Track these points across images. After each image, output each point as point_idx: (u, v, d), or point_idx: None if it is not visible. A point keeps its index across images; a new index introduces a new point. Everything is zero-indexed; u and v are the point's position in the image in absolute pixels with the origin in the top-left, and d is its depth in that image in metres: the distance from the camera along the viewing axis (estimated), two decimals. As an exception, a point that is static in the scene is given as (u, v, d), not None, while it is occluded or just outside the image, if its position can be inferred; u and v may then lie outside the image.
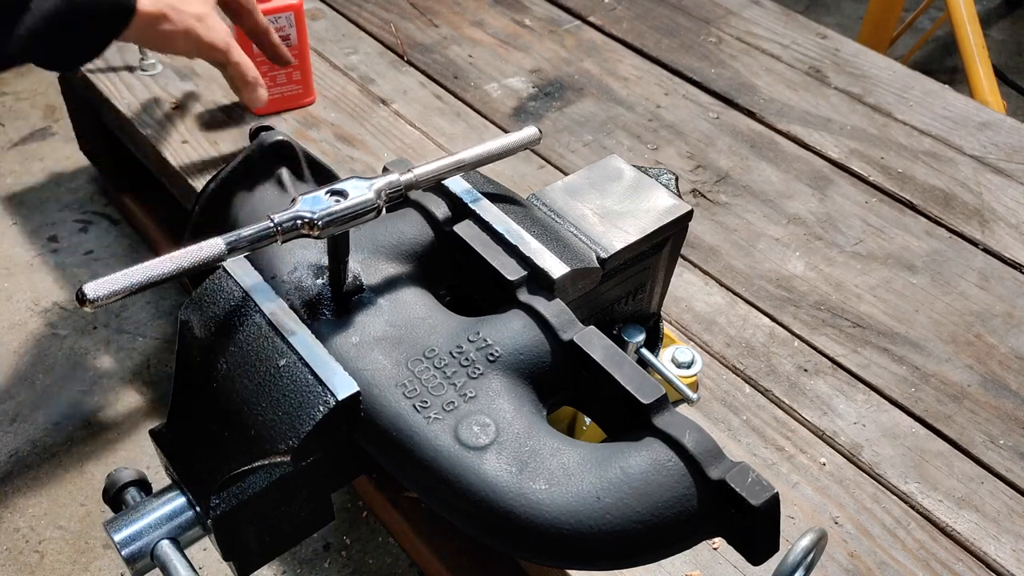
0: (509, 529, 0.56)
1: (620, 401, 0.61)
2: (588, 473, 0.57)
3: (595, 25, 1.61)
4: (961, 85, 1.87)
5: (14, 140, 1.94)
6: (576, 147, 1.35)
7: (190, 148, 1.28)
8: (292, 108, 1.32)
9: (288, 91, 1.30)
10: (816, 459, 0.96)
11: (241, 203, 0.74)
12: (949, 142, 1.39)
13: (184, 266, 0.56)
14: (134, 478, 0.66)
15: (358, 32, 1.56)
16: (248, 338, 0.62)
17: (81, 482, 1.35)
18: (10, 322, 1.57)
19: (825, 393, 1.02)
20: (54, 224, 1.75)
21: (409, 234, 0.71)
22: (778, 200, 1.28)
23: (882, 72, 1.52)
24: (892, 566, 0.87)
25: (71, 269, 1.66)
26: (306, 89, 1.32)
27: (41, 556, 1.26)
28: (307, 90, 1.32)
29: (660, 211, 0.77)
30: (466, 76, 1.47)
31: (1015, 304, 1.14)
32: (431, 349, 0.63)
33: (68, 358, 1.51)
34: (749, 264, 1.18)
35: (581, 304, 0.74)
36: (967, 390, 1.04)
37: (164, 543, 0.62)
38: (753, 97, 1.46)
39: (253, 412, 0.60)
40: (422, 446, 0.58)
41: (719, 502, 0.57)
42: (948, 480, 0.95)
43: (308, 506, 0.68)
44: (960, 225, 1.25)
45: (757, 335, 1.09)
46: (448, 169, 0.69)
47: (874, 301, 1.13)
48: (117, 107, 1.36)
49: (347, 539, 1.30)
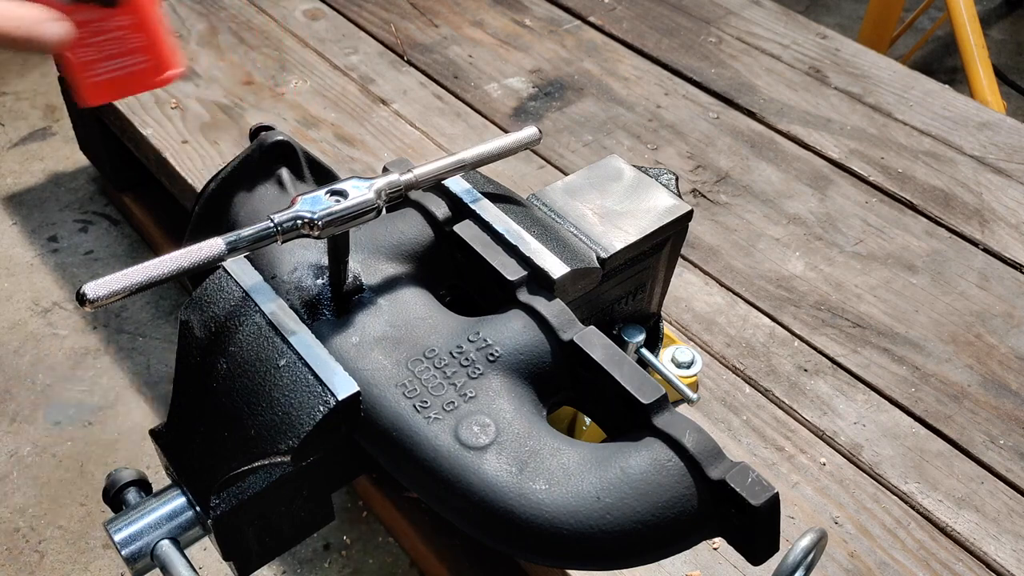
0: (509, 529, 0.56)
1: (620, 401, 0.61)
2: (588, 473, 0.57)
3: (595, 25, 1.61)
4: (961, 85, 1.87)
5: (14, 140, 1.94)
6: (576, 147, 1.35)
7: (190, 148, 1.28)
8: (141, 88, 0.77)
9: (127, 65, 0.79)
10: (816, 459, 0.96)
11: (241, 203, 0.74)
12: (949, 142, 1.39)
13: (184, 266, 0.56)
14: (134, 478, 0.66)
15: (358, 32, 1.56)
16: (248, 338, 0.62)
17: (81, 482, 1.35)
18: (10, 322, 1.57)
19: (825, 393, 1.02)
20: (54, 224, 1.75)
21: (409, 234, 0.71)
22: (778, 200, 1.28)
23: (882, 72, 1.52)
24: (892, 566, 0.87)
25: (71, 269, 1.66)
26: (156, 58, 0.76)
27: (41, 556, 1.26)
28: (158, 60, 0.76)
29: (660, 211, 0.77)
30: (466, 76, 1.47)
31: (1015, 304, 1.14)
32: (431, 349, 0.63)
33: (68, 358, 1.51)
34: (749, 264, 1.18)
35: (581, 304, 0.74)
36: (967, 390, 1.04)
37: (164, 543, 0.62)
38: (753, 97, 1.46)
39: (253, 412, 0.59)
40: (422, 446, 0.58)
41: (719, 502, 0.57)
42: (948, 480, 0.95)
43: (308, 506, 0.68)
44: (960, 225, 1.25)
45: (757, 335, 1.09)
46: (448, 169, 0.69)
47: (874, 301, 1.13)
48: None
49: (347, 539, 1.30)
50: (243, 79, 1.43)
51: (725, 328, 1.09)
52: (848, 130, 1.40)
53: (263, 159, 0.75)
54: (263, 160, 0.75)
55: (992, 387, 1.04)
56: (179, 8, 1.58)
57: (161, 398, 1.46)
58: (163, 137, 1.30)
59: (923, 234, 1.23)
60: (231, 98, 1.37)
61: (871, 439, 0.98)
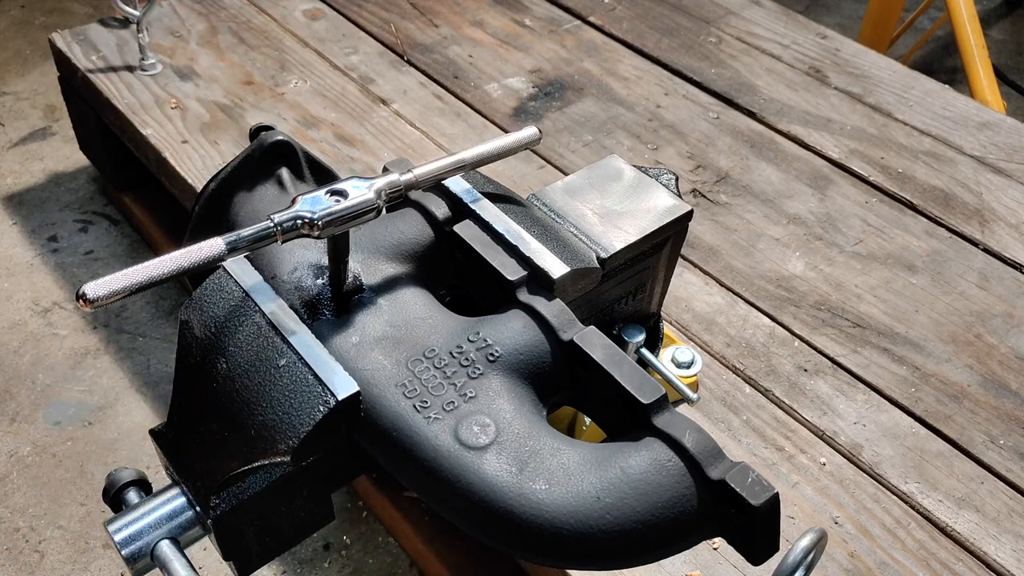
0: (509, 529, 0.56)
1: (620, 401, 0.61)
2: (588, 473, 0.57)
3: (595, 25, 1.61)
4: (961, 85, 1.87)
5: (14, 140, 1.94)
6: (576, 147, 1.35)
7: (190, 148, 1.28)
8: None
9: None
10: (816, 459, 0.96)
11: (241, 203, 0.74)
12: (949, 142, 1.39)
13: (184, 266, 0.56)
14: (134, 478, 0.66)
15: (358, 32, 1.56)
16: (248, 338, 0.62)
17: (81, 482, 1.35)
18: (10, 322, 1.57)
19: (825, 393, 1.02)
20: (54, 224, 1.75)
21: (409, 234, 0.71)
22: (778, 200, 1.28)
23: (882, 72, 1.52)
24: (892, 566, 0.87)
25: (71, 269, 1.66)
26: None
27: (41, 556, 1.26)
28: None
29: (660, 211, 0.77)
30: (466, 76, 1.47)
31: (1015, 304, 1.14)
32: (431, 349, 0.63)
33: (68, 358, 1.51)
34: (749, 264, 1.18)
35: (581, 304, 0.74)
36: (967, 390, 1.03)
37: (164, 543, 0.62)
38: (753, 97, 1.46)
39: (253, 412, 0.59)
40: (422, 446, 0.58)
41: (719, 502, 0.57)
42: (948, 480, 0.95)
43: (308, 506, 0.68)
44: (960, 225, 1.25)
45: (757, 335, 1.09)
46: (448, 169, 0.69)
47: (874, 301, 1.13)
48: (117, 107, 1.36)
49: (347, 539, 1.30)
50: (243, 79, 1.43)
51: (725, 328, 1.09)
52: (848, 130, 1.40)
53: (263, 159, 0.75)
54: (263, 160, 0.75)
55: (992, 387, 1.04)
56: (179, 8, 1.59)
57: (161, 398, 1.46)
58: (163, 137, 1.30)
59: (923, 234, 1.23)
60: (231, 98, 1.37)
61: (871, 439, 0.98)
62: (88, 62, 1.44)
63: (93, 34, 1.50)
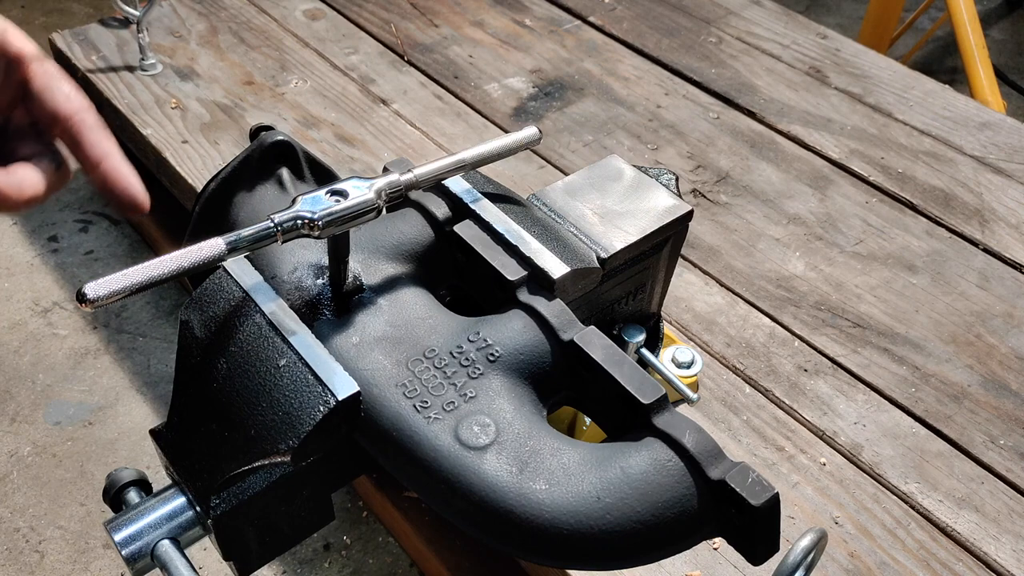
0: (509, 529, 0.56)
1: (620, 401, 0.61)
2: (588, 473, 0.57)
3: (595, 25, 1.61)
4: (961, 85, 1.87)
5: (14, 140, 1.94)
6: (576, 147, 1.35)
7: (190, 148, 1.28)
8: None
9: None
10: (816, 459, 0.96)
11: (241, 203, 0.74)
12: (949, 142, 1.39)
13: (184, 266, 0.56)
14: (134, 478, 0.66)
15: (358, 32, 1.56)
16: (248, 338, 0.62)
17: (81, 482, 1.35)
18: (10, 322, 1.57)
19: (825, 393, 1.02)
20: (54, 224, 1.75)
21: (409, 234, 0.71)
22: (778, 200, 1.28)
23: (882, 72, 1.52)
24: (892, 566, 0.87)
25: (71, 269, 1.66)
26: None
27: (41, 556, 1.26)
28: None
29: (660, 211, 0.77)
30: (466, 76, 1.47)
31: (1015, 304, 1.14)
32: (431, 349, 0.63)
33: (68, 358, 1.51)
34: (749, 264, 1.18)
35: (581, 304, 0.74)
36: (967, 390, 1.03)
37: (164, 543, 0.62)
38: (753, 97, 1.46)
39: (253, 412, 0.59)
40: (422, 446, 0.58)
41: (719, 502, 0.57)
42: (948, 480, 0.94)
43: (308, 506, 0.68)
44: (960, 225, 1.25)
45: (757, 335, 1.09)
46: (448, 169, 0.69)
47: (874, 301, 1.13)
48: (117, 107, 1.36)
49: (347, 539, 1.30)
50: (243, 79, 1.43)
51: (725, 328, 1.09)
52: (848, 130, 1.40)
53: (263, 159, 0.75)
54: (263, 160, 0.75)
55: (992, 387, 1.04)
56: (179, 8, 1.58)
57: (161, 398, 1.46)
58: (163, 137, 1.30)
59: (923, 234, 1.23)
60: (231, 98, 1.37)
61: (871, 439, 0.98)
62: (88, 62, 1.44)
63: (93, 34, 1.50)
